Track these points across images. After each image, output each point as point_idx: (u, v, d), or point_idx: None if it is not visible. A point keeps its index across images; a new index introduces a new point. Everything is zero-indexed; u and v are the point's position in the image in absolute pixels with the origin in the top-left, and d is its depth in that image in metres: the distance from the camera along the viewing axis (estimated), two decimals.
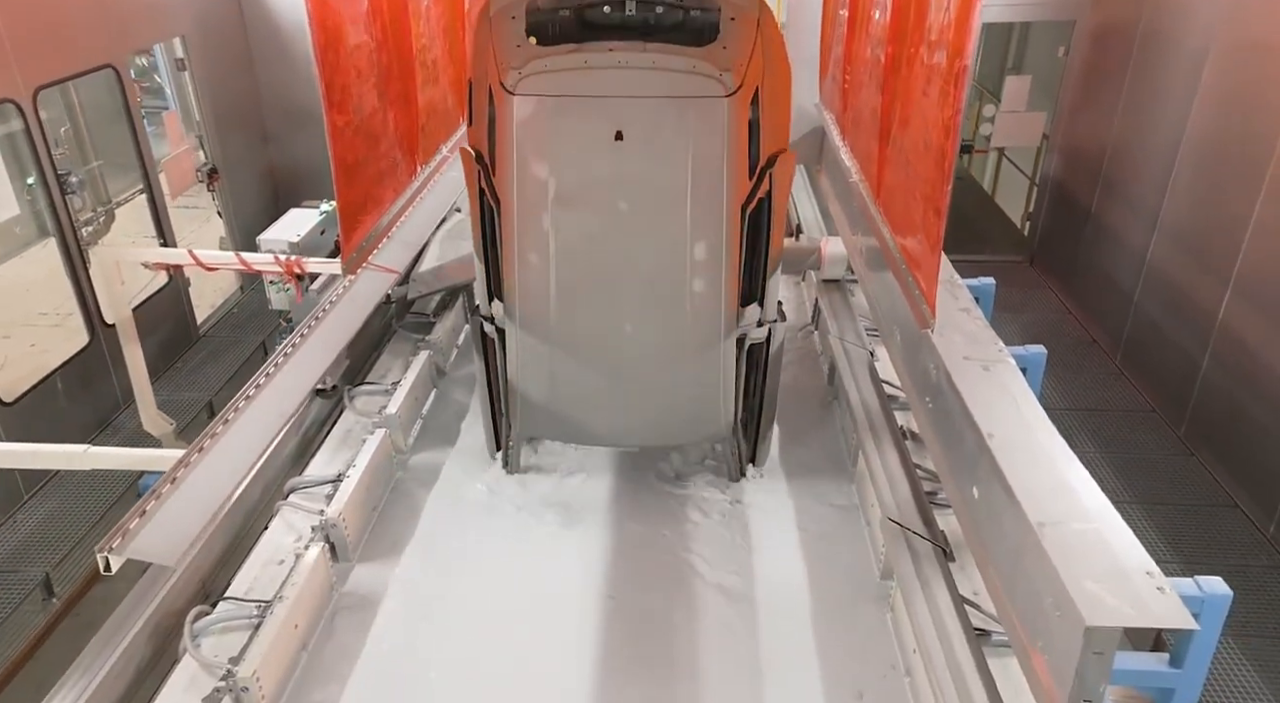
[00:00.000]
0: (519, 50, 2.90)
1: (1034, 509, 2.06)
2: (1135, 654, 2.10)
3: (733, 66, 2.88)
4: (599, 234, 3.15)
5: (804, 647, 2.85)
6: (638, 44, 2.90)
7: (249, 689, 2.51)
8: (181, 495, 2.31)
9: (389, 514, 3.54)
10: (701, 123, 2.95)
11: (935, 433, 2.83)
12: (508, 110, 2.95)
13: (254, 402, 2.84)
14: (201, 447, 2.52)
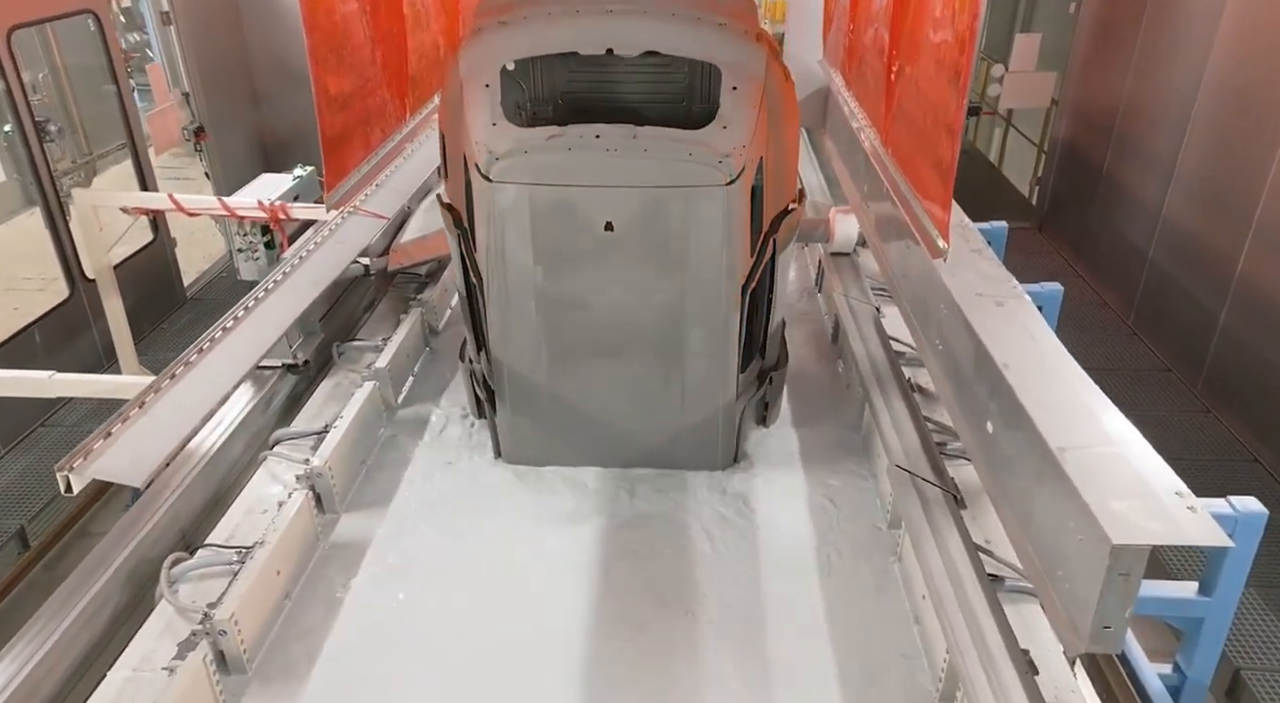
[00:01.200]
0: (495, 131, 2.63)
1: (1054, 435, 1.95)
2: (1162, 582, 1.99)
3: (734, 150, 2.60)
4: (590, 320, 2.95)
5: (810, 597, 2.73)
6: (627, 128, 2.62)
7: (227, 633, 2.40)
8: (151, 419, 2.19)
9: (377, 468, 3.42)
10: (699, 213, 2.70)
11: (946, 372, 2.71)
12: (485, 196, 2.69)
13: (231, 333, 2.72)
14: (174, 374, 2.40)
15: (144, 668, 2.34)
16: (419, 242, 4.30)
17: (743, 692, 2.41)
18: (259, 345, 2.75)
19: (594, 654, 2.55)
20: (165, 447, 2.13)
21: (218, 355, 2.62)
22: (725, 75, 2.62)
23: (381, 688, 2.46)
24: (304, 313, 3.49)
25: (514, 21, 2.70)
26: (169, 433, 2.18)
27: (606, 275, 2.83)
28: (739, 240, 2.76)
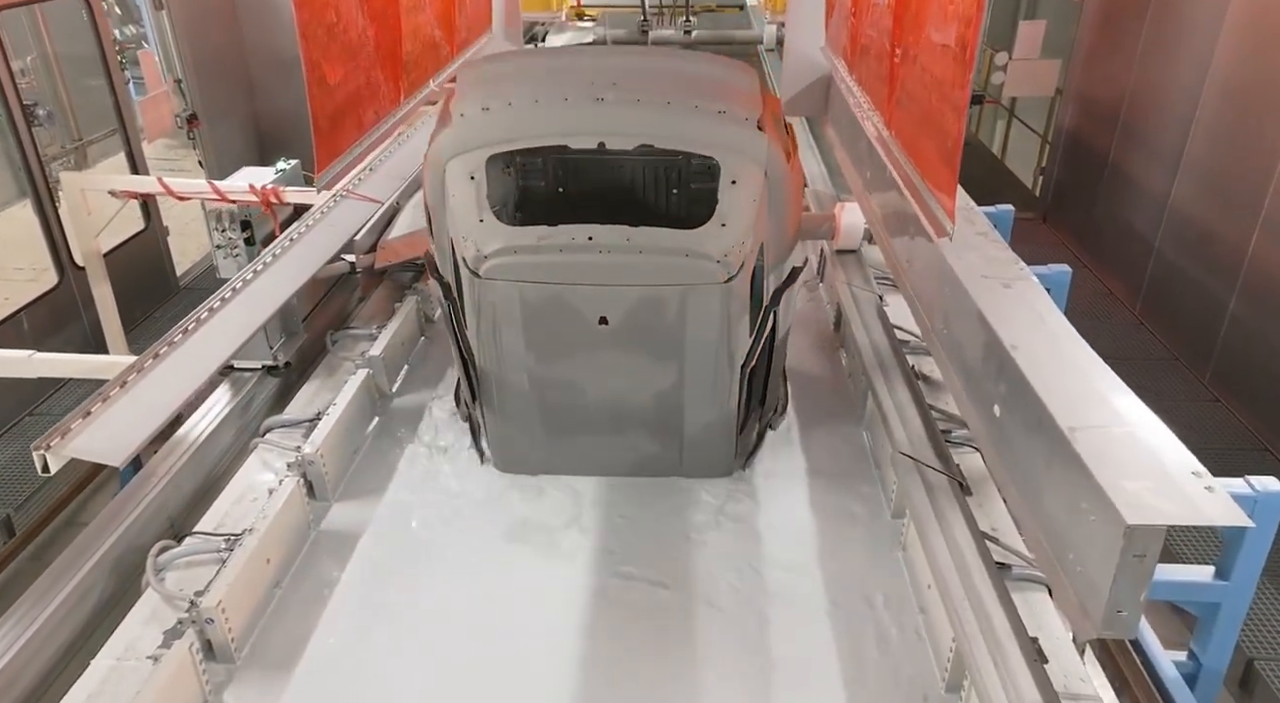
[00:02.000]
0: (483, 228, 2.53)
1: (1064, 415, 1.88)
2: (1177, 566, 1.93)
3: (734, 248, 2.50)
4: (586, 400, 2.89)
5: (813, 587, 2.67)
6: (621, 230, 2.53)
7: (214, 622, 2.34)
8: (132, 399, 2.13)
9: (370, 457, 3.36)
10: (697, 308, 2.62)
11: (953, 356, 2.65)
12: (474, 287, 2.63)
13: (218, 314, 2.66)
14: (157, 354, 2.34)
15: (129, 657, 2.27)
16: (407, 238, 4.15)
17: (745, 684, 2.35)
18: (247, 326, 2.69)
19: (590, 645, 2.49)
20: (147, 427, 2.07)
21: (204, 336, 2.56)
22: (724, 169, 2.49)
23: (372, 678, 2.40)
24: (287, 312, 3.40)
25: (498, 108, 2.52)
26: (151, 413, 2.12)
27: (602, 363, 2.77)
28: (739, 327, 2.69)
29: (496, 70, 2.73)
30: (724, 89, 2.65)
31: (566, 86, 2.58)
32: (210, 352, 2.53)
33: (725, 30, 10.58)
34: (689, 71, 2.74)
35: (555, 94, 2.54)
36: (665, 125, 2.52)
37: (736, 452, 3.06)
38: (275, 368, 3.45)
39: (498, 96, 2.57)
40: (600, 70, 2.64)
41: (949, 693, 2.29)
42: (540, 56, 2.79)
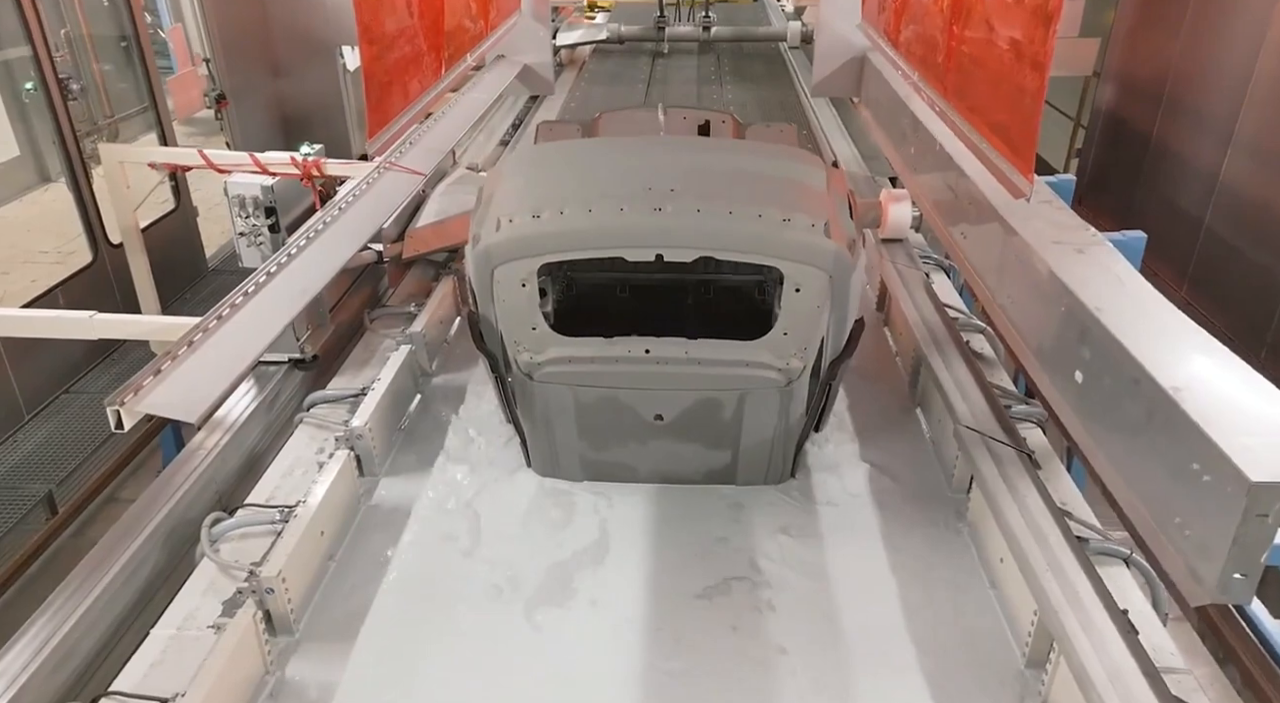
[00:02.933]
0: (535, 335, 2.50)
1: (1165, 375, 1.82)
2: None
3: (795, 353, 2.47)
4: (636, 474, 2.86)
5: (876, 567, 2.59)
6: (678, 343, 2.50)
7: (274, 591, 2.28)
8: (200, 357, 2.08)
9: (414, 433, 3.30)
10: (756, 408, 2.60)
11: (1021, 325, 2.58)
12: (525, 385, 2.63)
13: (275, 278, 2.60)
14: (220, 315, 2.29)
15: (189, 626, 2.23)
16: (435, 227, 4.06)
17: (812, 667, 2.27)
18: (304, 292, 2.64)
19: (647, 625, 2.42)
20: (219, 384, 2.02)
21: (266, 296, 2.50)
22: (788, 277, 2.41)
23: (430, 651, 2.34)
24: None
25: (550, 216, 2.39)
26: (221, 371, 2.07)
27: (654, 449, 2.73)
28: (796, 412, 2.66)
29: (545, 169, 2.56)
30: (788, 190, 2.51)
31: (622, 192, 2.45)
32: (277, 310, 2.48)
33: (746, 27, 10.04)
34: (751, 170, 2.57)
35: (611, 202, 2.42)
36: (726, 237, 2.41)
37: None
38: (302, 361, 3.35)
39: (549, 201, 2.44)
40: (657, 172, 2.49)
41: (1029, 669, 2.23)
42: (591, 152, 2.60)
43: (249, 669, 2.19)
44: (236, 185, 3.49)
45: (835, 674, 2.24)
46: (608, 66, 8.74)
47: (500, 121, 6.86)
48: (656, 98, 7.35)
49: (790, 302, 2.43)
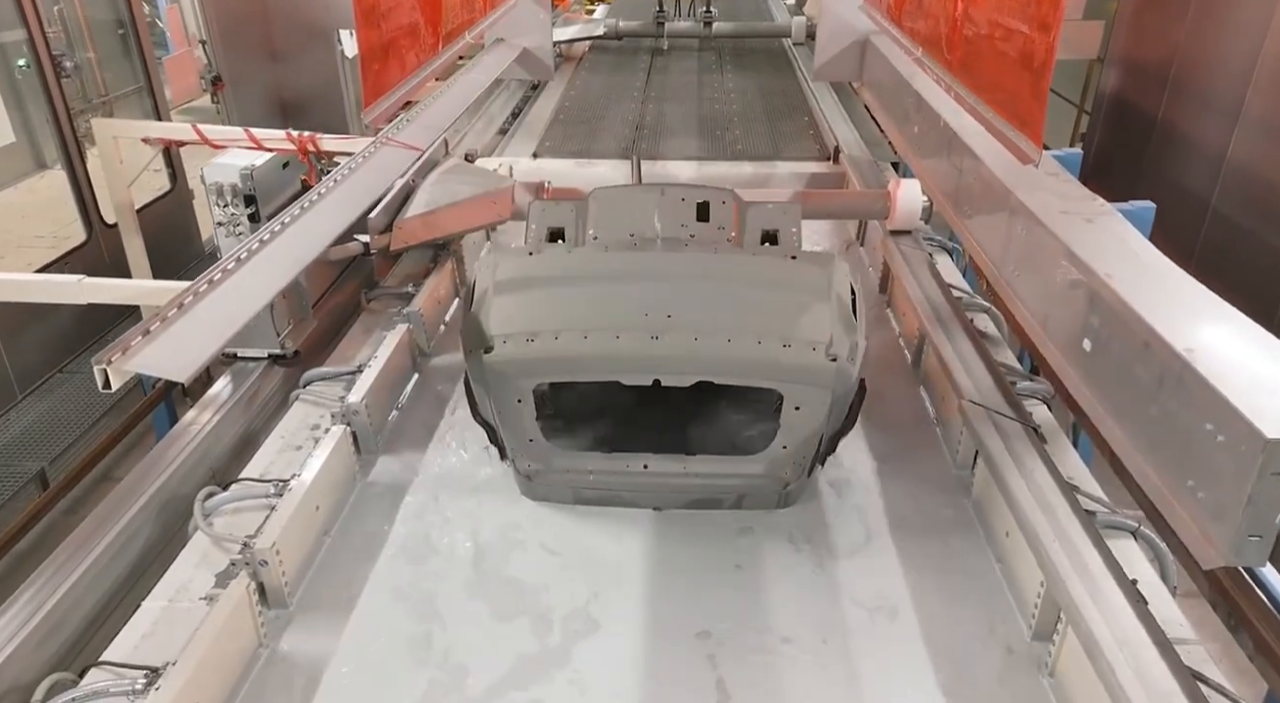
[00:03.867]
0: (532, 446, 2.52)
1: (1178, 337, 1.78)
2: None
3: (797, 461, 2.50)
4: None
5: (880, 545, 2.55)
6: (677, 459, 2.53)
7: (268, 564, 2.24)
8: (190, 319, 2.04)
9: (412, 413, 3.26)
10: (755, 500, 2.65)
11: (1027, 296, 2.54)
12: (525, 483, 2.70)
13: (270, 244, 2.56)
14: (212, 279, 2.25)
15: (181, 598, 2.19)
16: (425, 218, 3.85)
17: (814, 643, 2.23)
18: (296, 260, 2.59)
19: (649, 601, 2.38)
20: (210, 346, 1.97)
21: (261, 260, 2.46)
22: (788, 396, 2.41)
23: (428, 628, 2.30)
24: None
25: (544, 339, 2.39)
26: (214, 332, 2.02)
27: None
28: (799, 490, 2.68)
29: (540, 286, 2.53)
30: (788, 310, 2.45)
31: (618, 318, 2.43)
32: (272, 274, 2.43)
33: (748, 22, 9.89)
34: (750, 289, 2.51)
35: (607, 328, 2.41)
36: (725, 365, 2.40)
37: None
38: (283, 356, 3.18)
39: (544, 323, 2.43)
40: (655, 295, 2.45)
41: (1036, 641, 2.19)
42: (587, 267, 2.57)
43: (242, 642, 2.16)
44: (214, 171, 3.33)
45: (838, 650, 2.21)
46: (607, 57, 8.68)
47: (500, 111, 6.82)
48: (655, 89, 7.29)
49: (790, 418, 2.43)
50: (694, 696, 2.09)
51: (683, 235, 2.67)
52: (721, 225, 2.68)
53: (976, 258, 3.02)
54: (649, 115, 6.44)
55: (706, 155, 5.57)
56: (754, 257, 2.67)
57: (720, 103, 6.81)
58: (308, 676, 2.15)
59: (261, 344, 3.08)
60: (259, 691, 2.10)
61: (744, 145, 5.74)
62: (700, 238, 2.68)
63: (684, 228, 2.72)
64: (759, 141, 5.84)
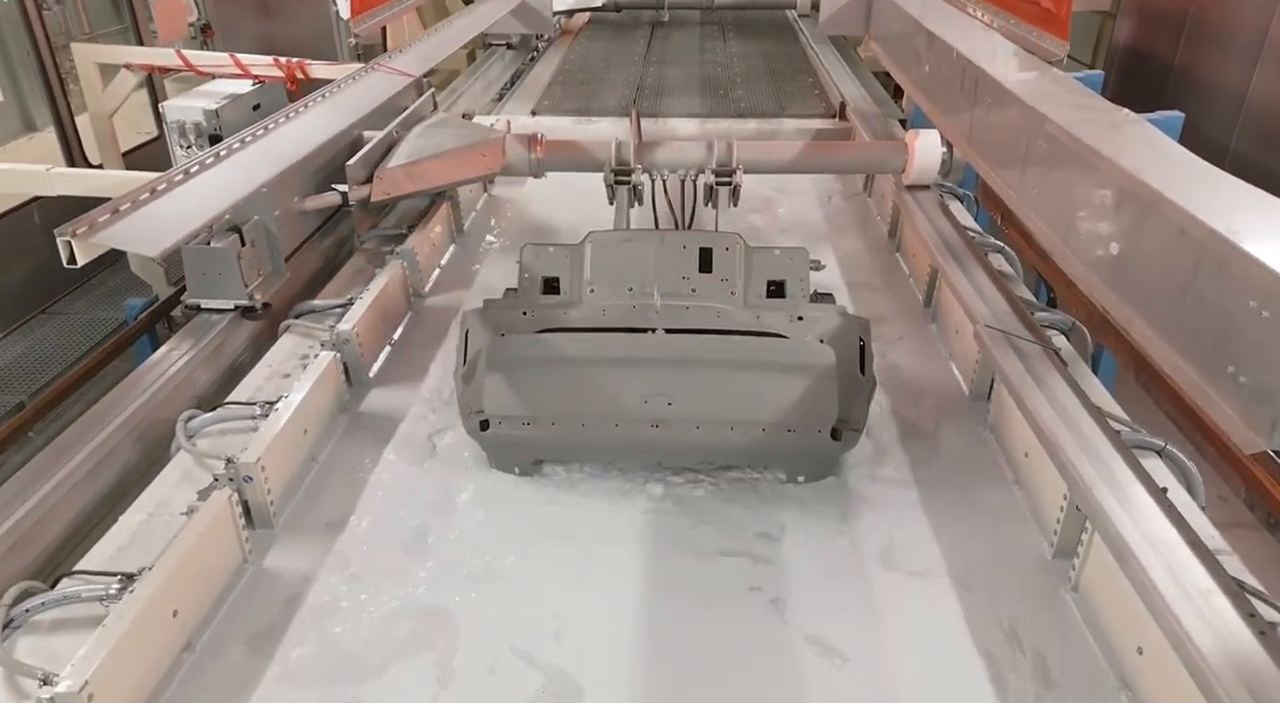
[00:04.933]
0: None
1: (1217, 221, 1.67)
2: None
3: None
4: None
5: (895, 476, 2.44)
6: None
7: (252, 480, 2.14)
8: (164, 202, 1.92)
9: (406, 349, 3.16)
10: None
11: (1051, 214, 2.43)
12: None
13: (249, 146, 2.44)
14: (188, 170, 2.13)
15: (160, 513, 2.09)
16: (409, 168, 3.58)
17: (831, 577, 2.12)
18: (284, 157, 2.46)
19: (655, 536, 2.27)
20: (182, 227, 1.86)
21: (239, 159, 2.34)
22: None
23: (415, 555, 2.19)
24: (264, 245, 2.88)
25: (539, 428, 2.34)
26: (186, 216, 1.91)
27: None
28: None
29: (535, 367, 2.41)
30: (795, 394, 2.33)
31: (616, 404, 2.34)
32: (250, 171, 2.32)
33: None
34: (754, 371, 2.38)
35: (605, 416, 2.33)
36: (728, 453, 2.38)
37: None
38: (252, 309, 2.88)
39: (538, 409, 2.35)
40: (654, 380, 2.35)
41: (1058, 559, 2.09)
42: (583, 349, 2.44)
43: (226, 557, 2.05)
44: (176, 110, 3.15)
45: (856, 585, 2.09)
46: (606, 29, 8.54)
47: (497, 77, 6.73)
48: (656, 55, 7.17)
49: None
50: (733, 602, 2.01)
51: (684, 289, 2.50)
52: (725, 277, 2.50)
53: (994, 185, 2.91)
54: (650, 78, 6.32)
55: (709, 113, 5.46)
56: (756, 339, 2.47)
57: (723, 67, 6.69)
58: (292, 592, 2.04)
59: (227, 295, 2.80)
60: (242, 605, 2.00)
61: (748, 103, 5.62)
62: (702, 292, 2.51)
63: (685, 280, 2.54)
64: (763, 100, 5.73)
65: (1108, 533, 1.80)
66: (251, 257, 2.86)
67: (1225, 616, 1.55)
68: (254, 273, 2.89)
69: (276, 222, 2.96)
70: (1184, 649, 1.52)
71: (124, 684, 1.65)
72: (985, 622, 1.95)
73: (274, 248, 2.99)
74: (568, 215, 4.26)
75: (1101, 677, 1.80)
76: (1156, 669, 1.68)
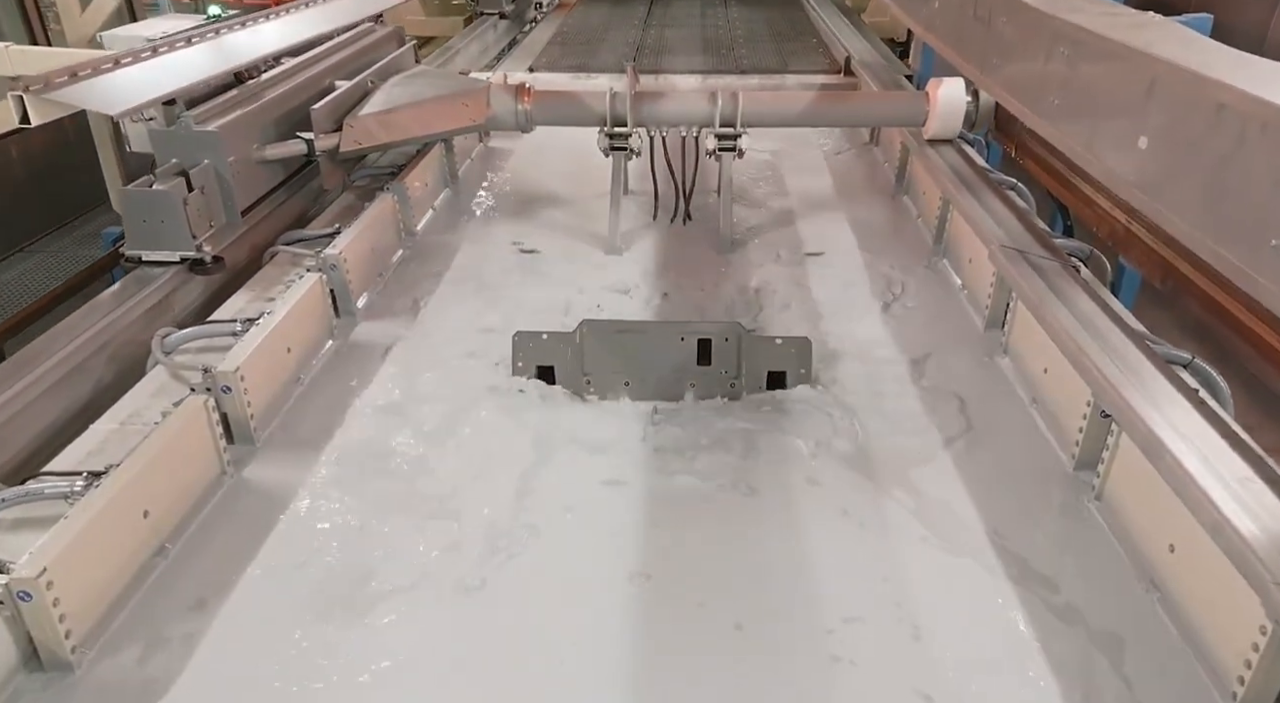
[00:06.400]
0: None
1: (1261, 90, 1.56)
2: None
3: None
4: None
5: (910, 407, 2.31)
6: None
7: (231, 391, 2.03)
8: (133, 70, 1.81)
9: (396, 283, 3.04)
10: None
11: (1073, 124, 2.32)
12: None
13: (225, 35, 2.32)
14: (156, 49, 2.02)
15: (133, 422, 1.98)
16: (383, 116, 3.26)
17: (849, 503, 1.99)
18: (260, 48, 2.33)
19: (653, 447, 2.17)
20: (152, 90, 1.75)
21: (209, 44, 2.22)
22: None
23: (395, 474, 2.08)
24: (216, 192, 2.71)
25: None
26: (149, 82, 1.79)
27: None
28: None
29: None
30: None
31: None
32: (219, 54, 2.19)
33: None
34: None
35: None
36: None
37: None
38: (201, 263, 2.61)
39: None
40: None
41: (1079, 471, 1.98)
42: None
43: (204, 469, 1.94)
44: (116, 40, 2.89)
45: (875, 504, 1.97)
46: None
47: (495, 43, 6.62)
48: (656, 19, 7.05)
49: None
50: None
51: (682, 383, 2.35)
52: (725, 369, 2.35)
53: (1012, 108, 2.79)
54: (650, 39, 6.22)
55: (711, 71, 5.35)
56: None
57: (725, 29, 6.59)
58: (273, 504, 1.93)
59: (172, 245, 2.56)
60: (220, 515, 1.89)
61: (750, 61, 5.51)
62: (700, 387, 2.35)
63: (683, 375, 2.37)
64: (766, 57, 5.62)
65: (1136, 431, 1.70)
66: (201, 205, 2.65)
67: (1266, 501, 1.45)
68: (204, 223, 2.66)
69: (232, 169, 2.76)
70: (1224, 536, 1.42)
71: (88, 577, 1.54)
72: (1008, 536, 1.84)
73: (228, 197, 2.78)
74: (565, 164, 4.15)
75: (1129, 581, 1.69)
76: (1189, 565, 1.58)
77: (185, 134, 2.62)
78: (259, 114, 3.02)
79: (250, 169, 2.95)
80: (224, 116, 2.77)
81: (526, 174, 4.17)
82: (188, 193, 2.59)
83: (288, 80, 3.27)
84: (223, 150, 2.71)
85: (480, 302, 2.92)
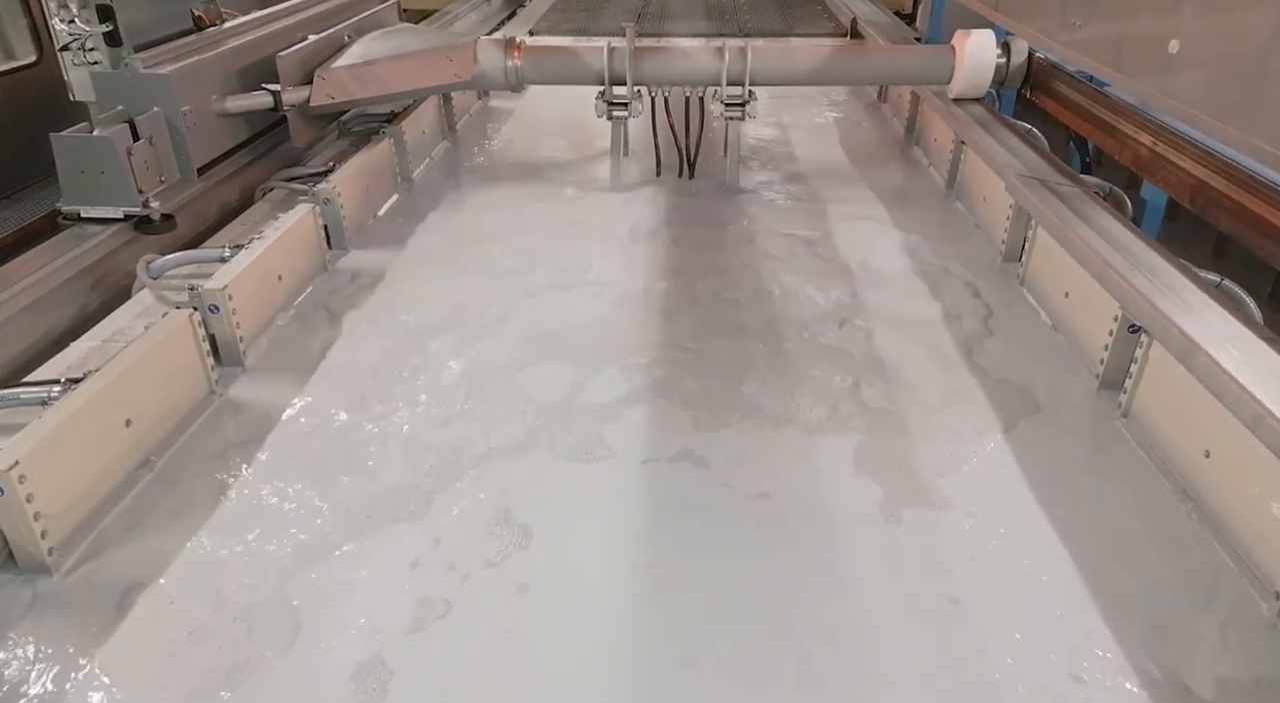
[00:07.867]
0: None
1: None
2: None
3: None
4: None
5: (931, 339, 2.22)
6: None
7: (219, 310, 1.95)
8: None
9: (391, 220, 2.96)
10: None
11: (1097, 38, 2.24)
12: None
13: None
14: None
15: (117, 340, 1.90)
16: (357, 69, 3.01)
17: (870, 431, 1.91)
18: None
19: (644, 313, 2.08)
20: None
21: None
22: None
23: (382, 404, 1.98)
24: (167, 145, 2.48)
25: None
26: None
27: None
28: None
29: None
30: None
31: None
32: None
33: None
34: None
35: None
36: None
37: None
38: (147, 220, 2.37)
39: None
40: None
41: (1104, 390, 1.90)
42: None
43: (191, 386, 1.86)
44: None
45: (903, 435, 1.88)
46: None
47: (495, 13, 6.55)
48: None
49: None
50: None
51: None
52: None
53: (1030, 39, 2.71)
54: (652, 7, 6.13)
55: (715, 34, 5.26)
56: None
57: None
58: (261, 422, 1.85)
59: (114, 200, 2.29)
60: (208, 431, 1.81)
61: (754, 26, 5.42)
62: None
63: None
64: (770, 20, 5.54)
65: (1170, 336, 1.62)
66: (149, 156, 2.40)
67: None
68: (152, 178, 2.41)
69: (186, 120, 2.51)
70: (1266, 428, 1.34)
71: (65, 478, 1.46)
72: (1037, 459, 1.75)
73: (181, 150, 2.52)
74: (567, 118, 4.06)
75: (1162, 493, 1.61)
76: (1226, 468, 1.50)
77: (132, 77, 2.40)
78: (219, 62, 2.75)
79: (208, 121, 2.66)
80: (179, 62, 2.54)
81: (526, 130, 4.08)
82: (132, 142, 2.33)
83: (255, 30, 3.04)
84: (175, 98, 2.45)
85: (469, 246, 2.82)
